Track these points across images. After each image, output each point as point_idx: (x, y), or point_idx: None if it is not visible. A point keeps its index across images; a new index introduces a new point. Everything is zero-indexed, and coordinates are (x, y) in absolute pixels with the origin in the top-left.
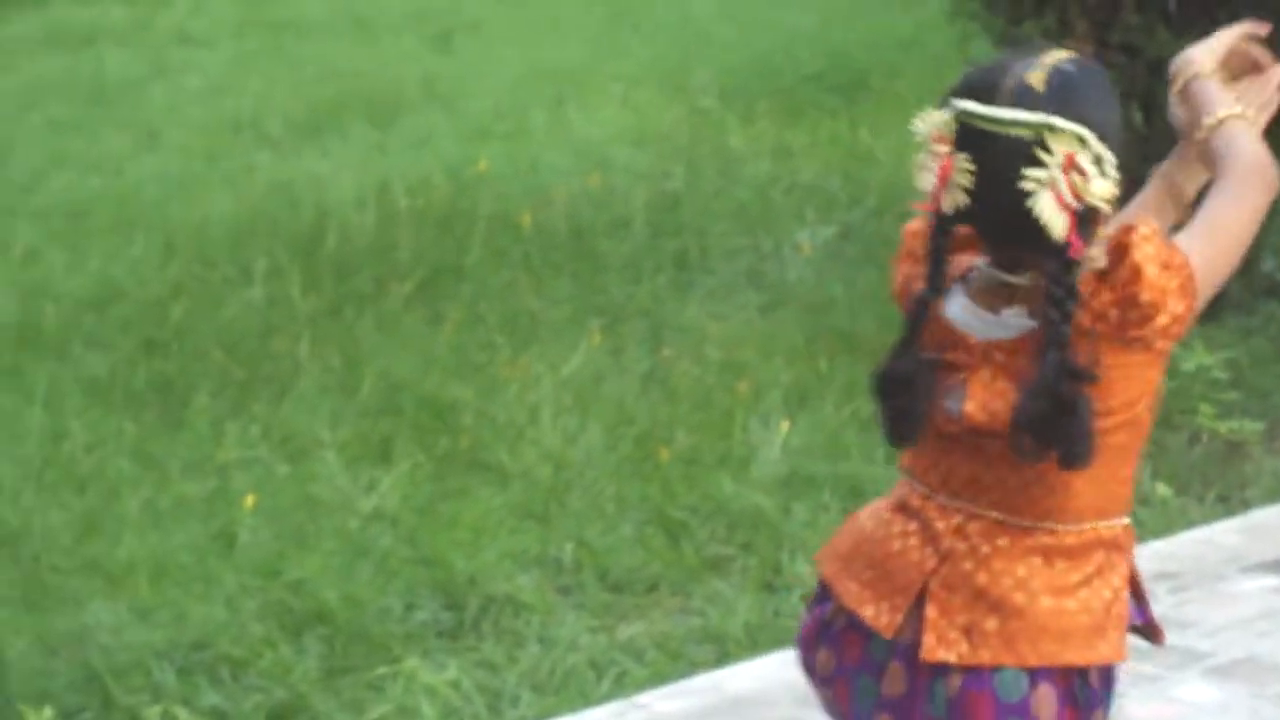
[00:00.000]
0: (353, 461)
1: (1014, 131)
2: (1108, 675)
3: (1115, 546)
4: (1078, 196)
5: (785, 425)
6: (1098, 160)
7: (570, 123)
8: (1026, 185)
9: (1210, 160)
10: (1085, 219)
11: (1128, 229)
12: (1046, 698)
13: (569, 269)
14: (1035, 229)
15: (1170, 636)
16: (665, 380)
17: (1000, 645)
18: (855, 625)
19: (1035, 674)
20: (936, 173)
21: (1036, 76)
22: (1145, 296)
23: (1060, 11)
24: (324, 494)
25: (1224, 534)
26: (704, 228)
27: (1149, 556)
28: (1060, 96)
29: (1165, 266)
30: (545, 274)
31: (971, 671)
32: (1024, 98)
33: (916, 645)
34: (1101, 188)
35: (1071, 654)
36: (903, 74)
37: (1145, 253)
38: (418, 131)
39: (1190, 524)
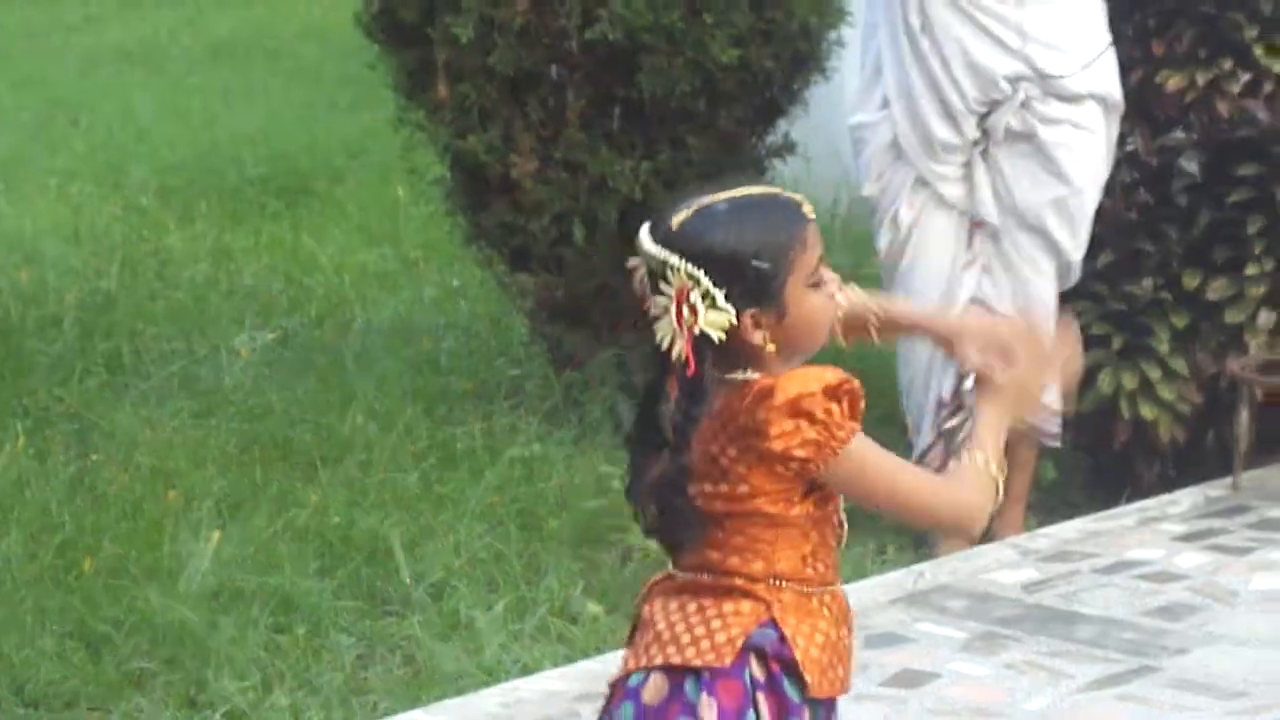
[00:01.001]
0: None
1: (651, 264)
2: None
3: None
4: (690, 327)
5: (216, 535)
6: (706, 295)
7: (0, 215)
8: (653, 310)
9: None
10: (704, 343)
11: (791, 377)
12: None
13: None
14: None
15: None
16: (93, 487)
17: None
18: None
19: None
20: None
21: (680, 216)
22: (761, 423)
23: (505, 126)
24: None
25: None
26: (138, 329)
27: (577, 676)
28: (689, 237)
29: (796, 414)
30: None
31: None
32: (663, 235)
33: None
34: (711, 319)
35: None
36: (346, 180)
37: (787, 390)
38: None
39: (619, 644)
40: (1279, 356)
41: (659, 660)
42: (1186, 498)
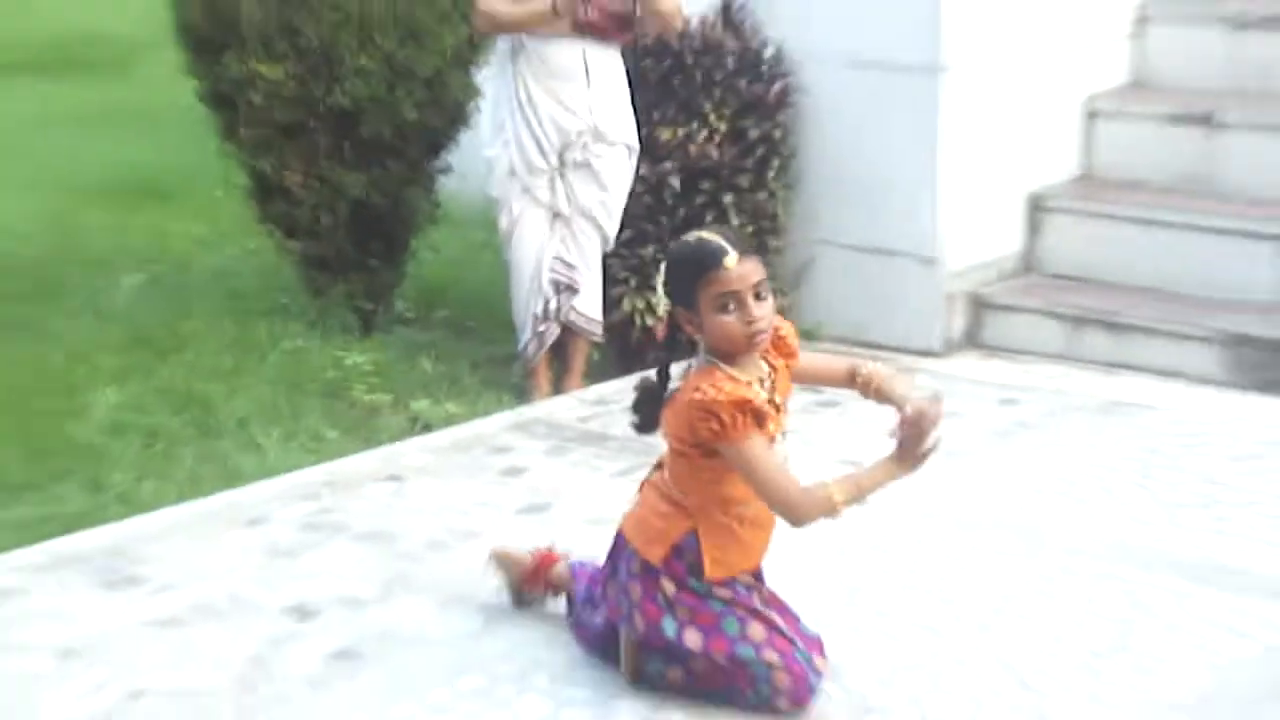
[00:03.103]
0: None
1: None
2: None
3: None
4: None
5: (109, 391)
6: (660, 290)
7: None
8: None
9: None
10: (674, 324)
11: (710, 373)
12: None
13: None
14: None
15: None
16: (33, 365)
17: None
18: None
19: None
20: None
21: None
22: (688, 402)
23: (280, 154)
24: None
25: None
26: (55, 277)
27: (323, 471)
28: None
29: (706, 411)
30: None
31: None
32: None
33: None
34: (659, 301)
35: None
36: (189, 188)
37: (708, 394)
38: None
39: (348, 454)
40: None
41: (636, 543)
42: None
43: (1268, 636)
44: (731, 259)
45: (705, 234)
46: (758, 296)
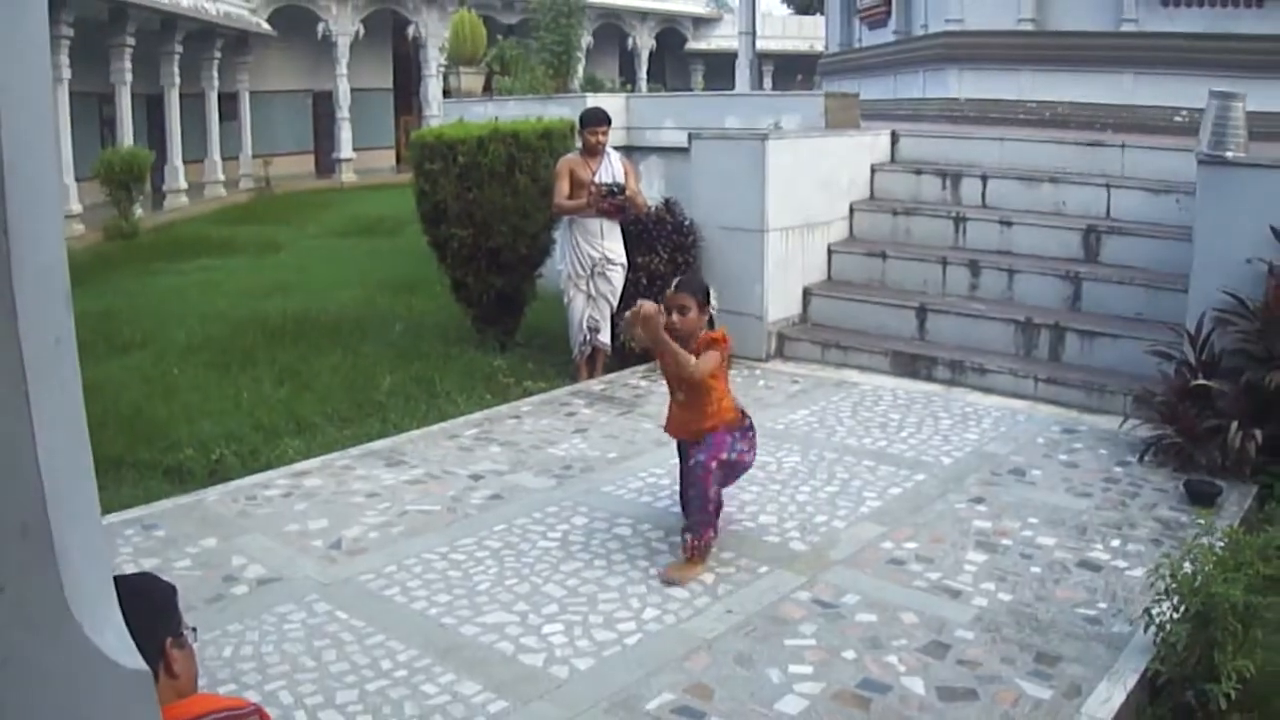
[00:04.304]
0: None
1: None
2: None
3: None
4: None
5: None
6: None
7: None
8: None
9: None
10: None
11: (711, 337)
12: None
13: None
14: None
15: None
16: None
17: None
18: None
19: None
20: None
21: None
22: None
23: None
24: None
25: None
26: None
27: (479, 417)
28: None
29: (710, 344)
30: None
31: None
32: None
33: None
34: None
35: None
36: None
37: (713, 334)
38: None
39: (481, 408)
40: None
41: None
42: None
43: (906, 480)
44: (671, 290)
45: (683, 278)
46: (679, 312)
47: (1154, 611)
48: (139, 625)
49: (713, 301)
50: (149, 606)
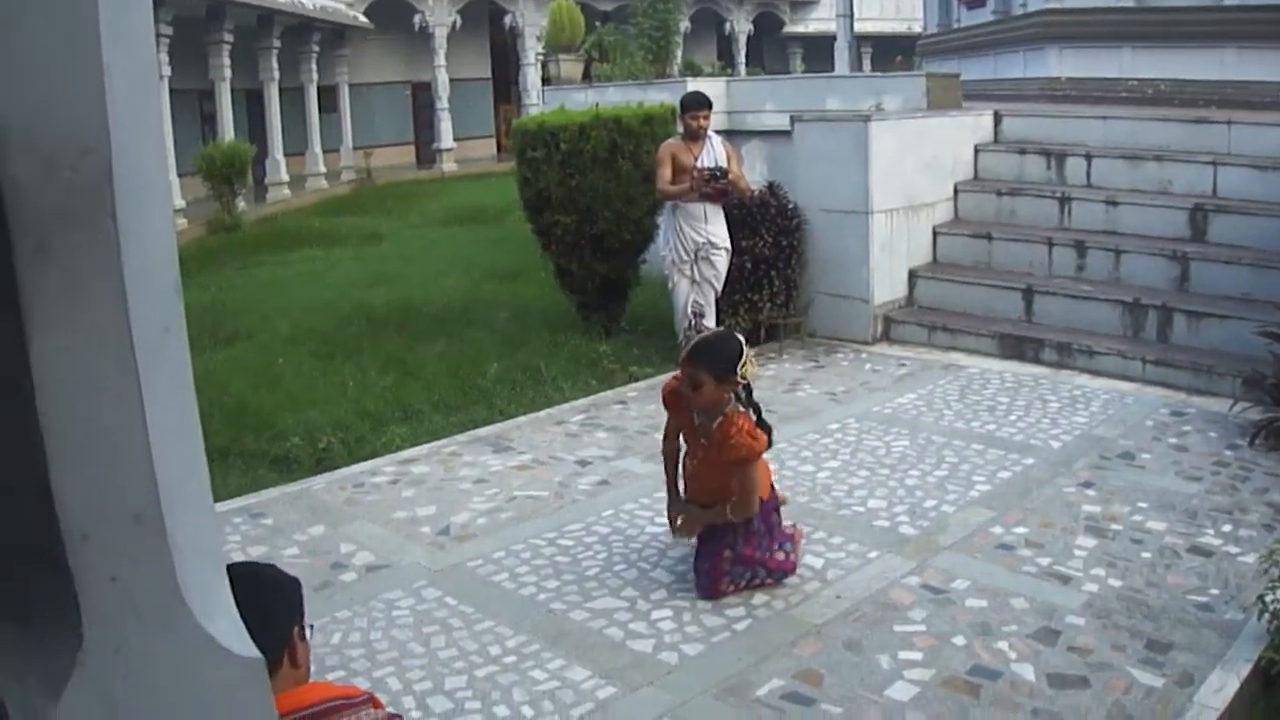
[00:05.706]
0: None
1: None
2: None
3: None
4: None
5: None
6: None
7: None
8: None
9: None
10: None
11: (736, 417)
12: None
13: None
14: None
15: None
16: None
17: None
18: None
19: None
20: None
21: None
22: (732, 440)
23: (573, 252)
24: None
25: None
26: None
27: (586, 402)
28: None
29: (745, 433)
30: None
31: None
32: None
33: None
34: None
35: None
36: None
37: (737, 424)
38: None
39: (583, 394)
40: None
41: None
42: None
43: (1015, 464)
44: (683, 354)
45: (698, 341)
46: (691, 386)
47: (1267, 599)
48: (272, 614)
49: (743, 371)
50: (281, 597)
